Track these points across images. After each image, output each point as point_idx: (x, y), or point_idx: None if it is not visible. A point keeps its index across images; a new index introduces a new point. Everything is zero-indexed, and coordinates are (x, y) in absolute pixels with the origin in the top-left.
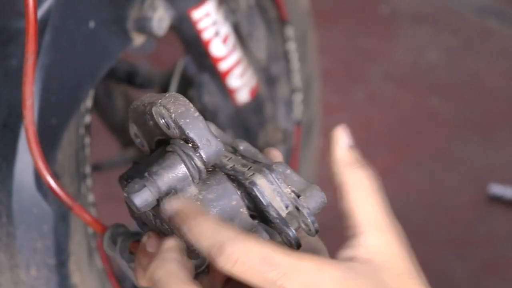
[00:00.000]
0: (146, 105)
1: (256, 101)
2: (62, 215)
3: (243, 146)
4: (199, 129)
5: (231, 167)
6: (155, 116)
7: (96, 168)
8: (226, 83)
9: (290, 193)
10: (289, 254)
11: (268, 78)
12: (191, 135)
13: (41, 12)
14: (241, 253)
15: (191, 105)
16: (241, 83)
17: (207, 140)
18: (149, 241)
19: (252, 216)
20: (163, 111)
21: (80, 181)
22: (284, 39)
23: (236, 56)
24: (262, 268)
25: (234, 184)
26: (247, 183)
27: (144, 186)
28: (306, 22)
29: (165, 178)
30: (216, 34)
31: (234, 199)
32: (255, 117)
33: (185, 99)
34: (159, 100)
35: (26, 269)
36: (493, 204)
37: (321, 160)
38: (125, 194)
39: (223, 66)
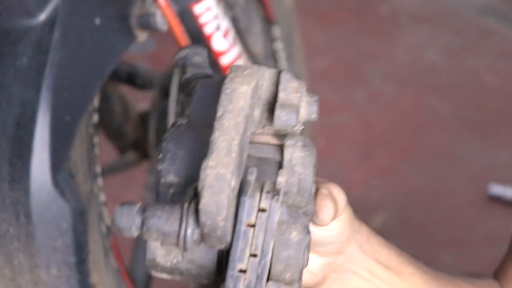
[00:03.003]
0: None
1: None
2: (80, 211)
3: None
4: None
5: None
6: None
7: None
8: None
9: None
10: None
11: None
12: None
13: (49, 10)
14: None
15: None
16: None
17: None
18: None
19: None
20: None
21: (92, 180)
22: (272, 39)
23: (236, 50)
24: None
25: None
26: None
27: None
28: (291, 21)
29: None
30: (217, 28)
31: None
32: None
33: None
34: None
35: (47, 268)
36: (493, 204)
37: (321, 160)
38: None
39: (224, 60)
